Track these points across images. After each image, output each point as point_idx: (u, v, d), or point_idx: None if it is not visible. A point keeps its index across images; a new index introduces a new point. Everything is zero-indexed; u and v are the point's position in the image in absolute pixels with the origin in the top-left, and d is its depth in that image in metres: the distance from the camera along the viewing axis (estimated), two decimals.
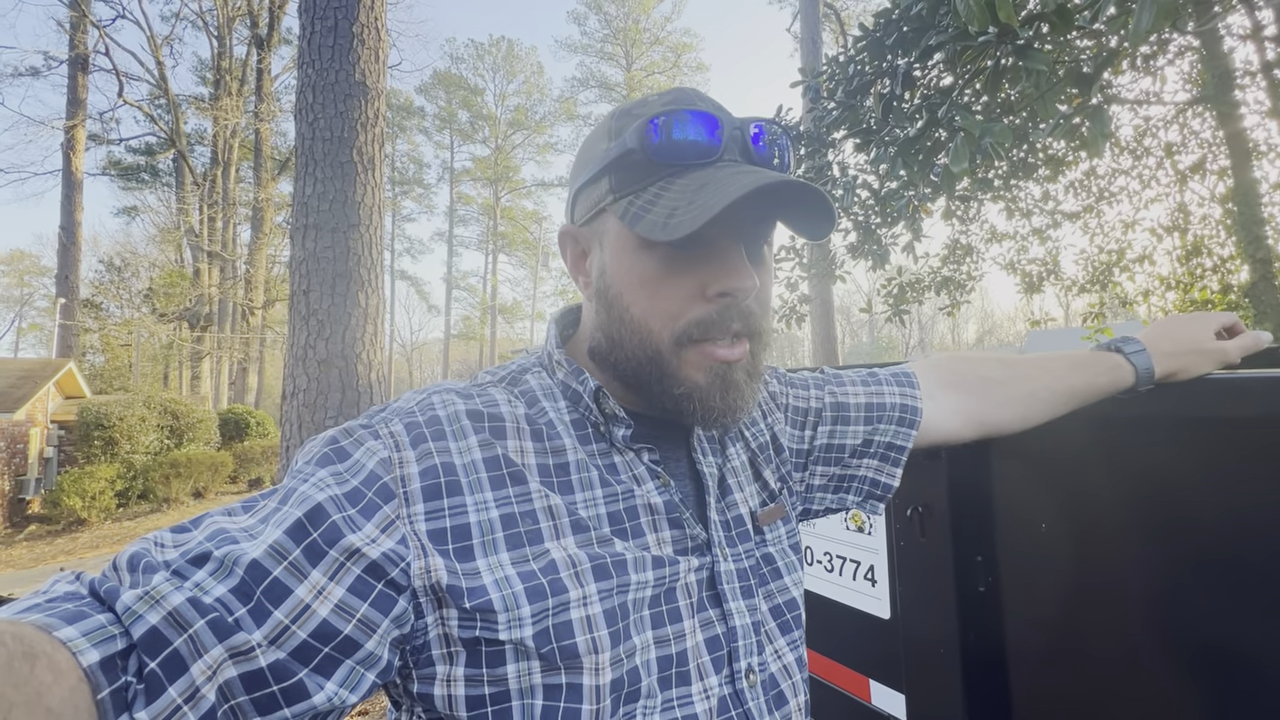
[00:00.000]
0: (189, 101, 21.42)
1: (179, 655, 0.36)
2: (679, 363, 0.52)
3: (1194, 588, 0.70)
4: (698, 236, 0.49)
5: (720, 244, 0.51)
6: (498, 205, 35.92)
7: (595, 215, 0.55)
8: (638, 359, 0.53)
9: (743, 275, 0.50)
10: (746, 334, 0.53)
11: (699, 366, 0.52)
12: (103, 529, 9.70)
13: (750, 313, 0.52)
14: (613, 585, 0.48)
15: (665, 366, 0.52)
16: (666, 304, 0.51)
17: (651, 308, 0.51)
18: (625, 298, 0.53)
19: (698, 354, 0.52)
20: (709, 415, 0.52)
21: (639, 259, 0.51)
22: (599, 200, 0.54)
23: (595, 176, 0.54)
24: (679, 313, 0.51)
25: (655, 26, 32.58)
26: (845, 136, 3.76)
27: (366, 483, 0.45)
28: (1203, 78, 5.76)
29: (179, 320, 19.56)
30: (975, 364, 0.76)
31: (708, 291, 0.51)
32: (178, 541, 0.42)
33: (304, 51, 4.08)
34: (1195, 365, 0.73)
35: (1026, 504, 0.84)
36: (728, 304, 0.51)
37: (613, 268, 0.54)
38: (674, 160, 0.50)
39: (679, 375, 0.52)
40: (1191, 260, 6.81)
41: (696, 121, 0.50)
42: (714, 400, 0.52)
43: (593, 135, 0.57)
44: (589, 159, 0.55)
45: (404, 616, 0.43)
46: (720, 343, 0.52)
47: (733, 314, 0.51)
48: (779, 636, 0.58)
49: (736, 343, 0.52)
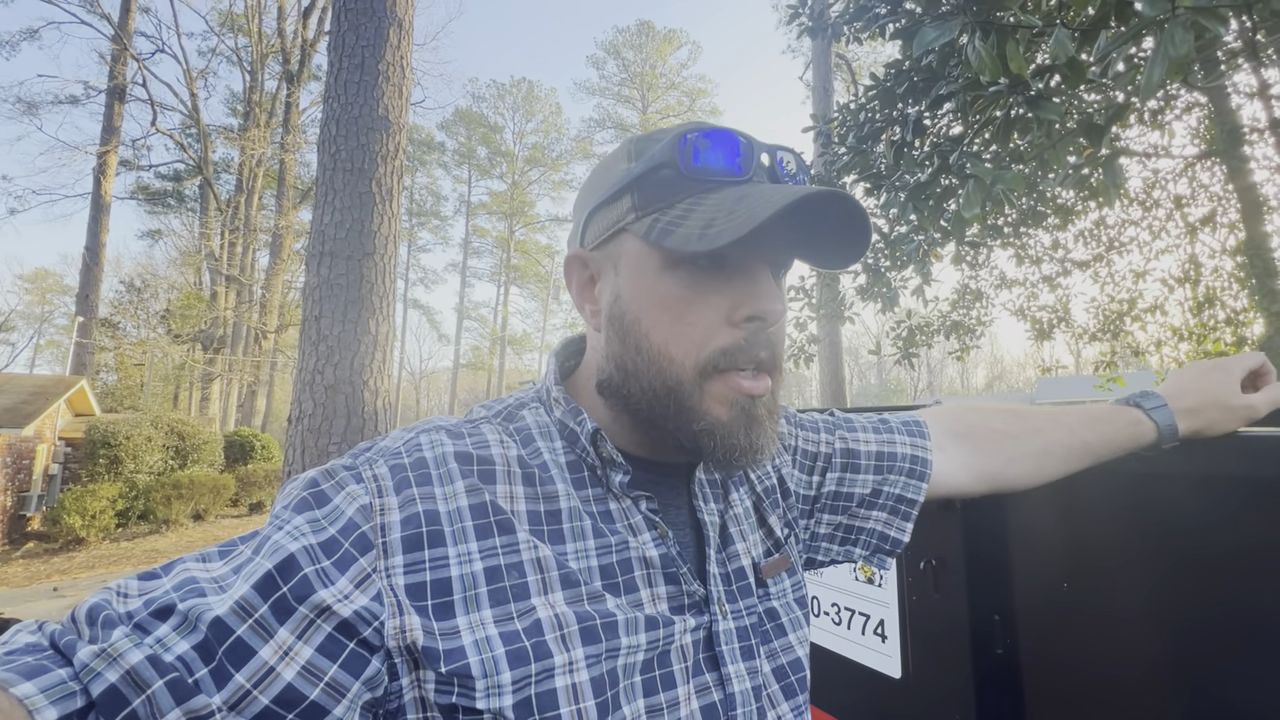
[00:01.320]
0: (219, 131, 22.17)
1: (137, 717, 0.34)
2: (701, 395, 0.48)
3: (1224, 654, 0.66)
4: (724, 258, 0.47)
5: (749, 266, 0.48)
6: (512, 239, 36.54)
7: (611, 237, 0.52)
8: (654, 391, 0.49)
9: (774, 298, 0.48)
10: (770, 367, 0.50)
11: (722, 400, 0.48)
12: (100, 549, 9.62)
13: (776, 342, 0.50)
14: (601, 650, 0.45)
15: (686, 399, 0.48)
16: (690, 330, 0.48)
17: (673, 334, 0.48)
18: (644, 323, 0.49)
19: (722, 385, 0.48)
20: (731, 454, 0.48)
21: (660, 281, 0.48)
22: (617, 220, 0.51)
23: (614, 196, 0.51)
24: (704, 340, 0.48)
25: (671, 72, 33.62)
26: (856, 181, 3.80)
27: (344, 531, 0.43)
28: (1210, 133, 5.82)
29: (193, 341, 19.80)
30: (987, 415, 0.73)
31: (735, 316, 0.48)
32: (144, 589, 0.40)
33: (330, 87, 4.22)
34: (1221, 422, 0.69)
35: (1048, 560, 0.80)
36: (756, 330, 0.48)
37: (630, 291, 0.50)
38: (706, 176, 0.48)
39: (700, 409, 0.48)
40: (1204, 311, 6.77)
41: (727, 140, 0.49)
42: (738, 438, 0.48)
43: (608, 160, 0.54)
44: (604, 181, 0.53)
45: (377, 678, 0.41)
46: (744, 374, 0.48)
47: (760, 341, 0.48)
48: (782, 701, 0.54)
49: (759, 376, 0.49)
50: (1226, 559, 0.67)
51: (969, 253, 5.86)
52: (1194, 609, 0.69)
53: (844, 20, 3.79)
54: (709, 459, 0.50)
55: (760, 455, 0.50)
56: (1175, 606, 0.70)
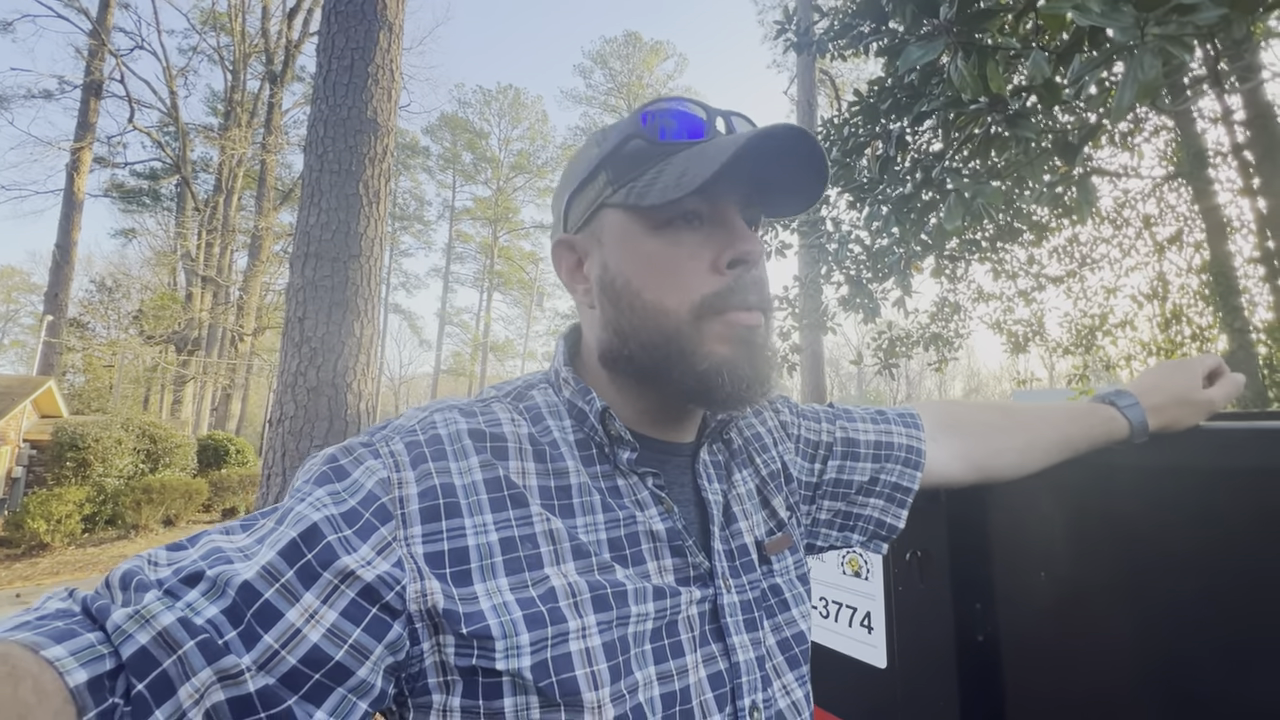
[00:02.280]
0: (198, 130, 21.83)
1: (167, 677, 0.35)
2: (700, 337, 0.50)
3: (1196, 639, 0.70)
4: (700, 214, 0.51)
5: (724, 216, 0.52)
6: (495, 244, 36.41)
7: (592, 216, 0.55)
8: (654, 343, 0.51)
9: (751, 240, 0.51)
10: (761, 307, 0.52)
11: (723, 338, 0.50)
12: (65, 554, 9.32)
13: (763, 284, 0.53)
14: (612, 617, 0.47)
15: (686, 343, 0.50)
16: (679, 280, 0.51)
17: (664, 287, 0.51)
18: (634, 283, 0.52)
19: (719, 324, 0.50)
20: (740, 385, 0.50)
21: (645, 242, 0.52)
22: (596, 198, 0.54)
23: (589, 177, 0.55)
24: (694, 287, 0.51)
25: (658, 83, 33.90)
26: (840, 193, 3.89)
27: (364, 503, 0.44)
28: (1177, 155, 6.06)
29: (166, 343, 19.36)
30: (977, 410, 0.78)
31: (720, 263, 0.51)
32: (172, 560, 0.41)
33: (319, 88, 4.20)
34: (1186, 417, 0.76)
35: (1026, 551, 0.84)
36: (740, 273, 0.51)
37: (616, 259, 0.53)
38: (672, 138, 0.52)
39: (702, 350, 0.50)
40: (1171, 327, 7.00)
41: (685, 106, 0.53)
42: (744, 369, 0.50)
43: (577, 154, 0.58)
44: (578, 169, 0.56)
45: (399, 642, 0.42)
46: (740, 311, 0.51)
47: (748, 284, 0.51)
48: (787, 671, 0.57)
49: (753, 311, 0.52)
50: (1194, 546, 0.71)
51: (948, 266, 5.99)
52: (1165, 595, 0.73)
53: (829, 37, 3.89)
54: (720, 397, 0.51)
55: (768, 384, 0.52)
56: (1147, 593, 0.74)
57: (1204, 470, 0.72)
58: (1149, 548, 0.74)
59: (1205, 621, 0.69)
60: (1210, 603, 0.69)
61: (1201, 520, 0.71)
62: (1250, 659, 0.66)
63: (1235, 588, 0.67)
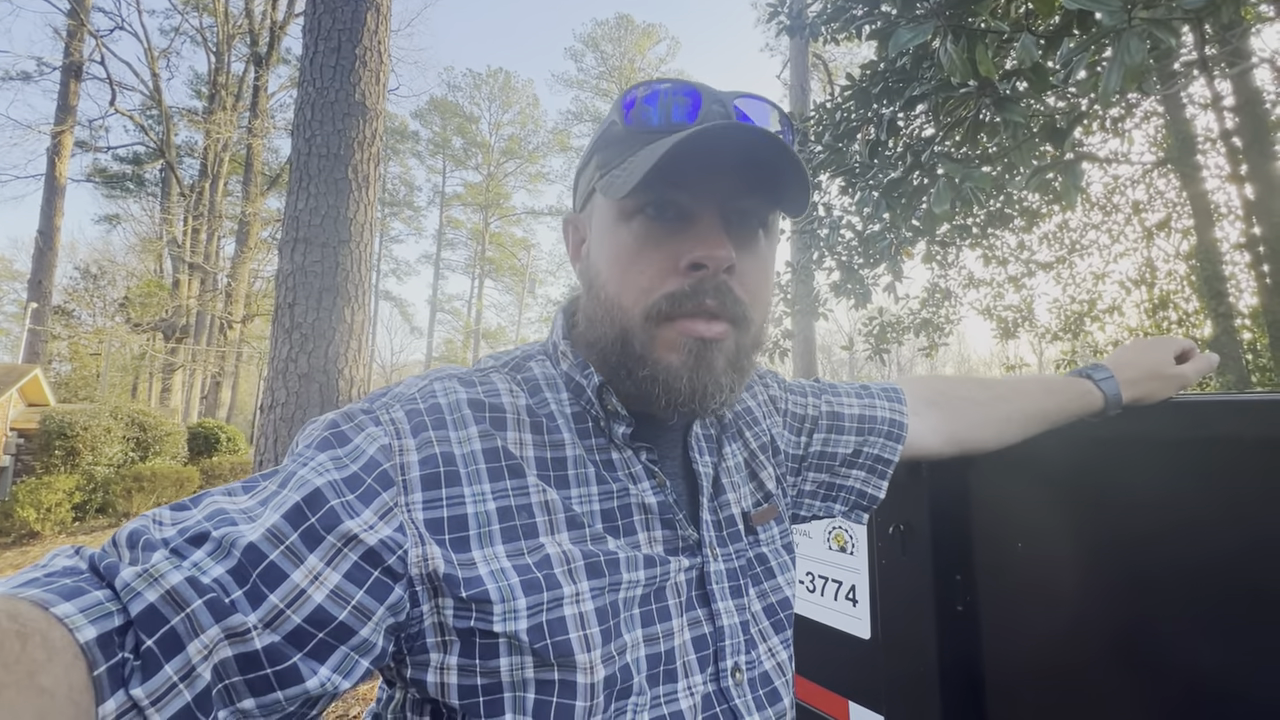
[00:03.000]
0: (182, 114, 21.41)
1: (176, 634, 0.36)
2: (649, 341, 0.49)
3: (1168, 607, 0.73)
4: (673, 207, 0.48)
5: (697, 214, 0.49)
6: (487, 231, 36.12)
7: (588, 198, 0.55)
8: (609, 338, 0.51)
9: (715, 245, 0.47)
10: (725, 316, 0.49)
11: (671, 345, 0.49)
12: (56, 542, 9.28)
13: (728, 291, 0.49)
14: (604, 583, 0.48)
15: (634, 345, 0.50)
16: (638, 277, 0.49)
17: (624, 282, 0.50)
18: (603, 274, 0.52)
19: (671, 331, 0.49)
20: (674, 398, 0.49)
21: (616, 233, 0.51)
22: (590, 181, 0.54)
23: (587, 157, 0.54)
24: (651, 287, 0.49)
25: (650, 67, 33.54)
26: (831, 178, 3.89)
27: (366, 469, 0.45)
28: (1167, 141, 6.09)
29: (153, 331, 19.15)
30: (957, 384, 0.80)
31: (681, 264, 0.48)
32: (176, 520, 0.42)
33: (305, 70, 4.14)
34: (1158, 390, 0.78)
35: (1004, 523, 0.87)
36: (701, 278, 0.48)
37: (596, 245, 0.54)
38: (650, 128, 0.49)
39: (648, 356, 0.49)
40: (1158, 313, 7.08)
41: (676, 92, 0.49)
42: (679, 382, 0.49)
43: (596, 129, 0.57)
44: (588, 146, 0.56)
45: (400, 604, 0.43)
46: (697, 320, 0.48)
47: (707, 288, 0.48)
48: (772, 635, 0.59)
49: (714, 321, 0.49)
50: (1166, 515, 0.74)
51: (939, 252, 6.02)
52: (1136, 563, 0.76)
53: (821, 20, 3.87)
54: (655, 406, 0.50)
55: (706, 402, 0.49)
56: (1120, 561, 0.77)
57: (1175, 441, 0.74)
58: (1122, 517, 0.77)
59: (1177, 589, 0.72)
60: (1181, 570, 0.71)
61: (1173, 490, 0.73)
62: (1220, 626, 0.68)
63: (1206, 555, 0.70)
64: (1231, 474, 0.69)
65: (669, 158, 0.44)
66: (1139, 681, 0.74)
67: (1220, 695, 0.68)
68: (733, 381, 0.51)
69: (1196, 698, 0.69)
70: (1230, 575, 0.68)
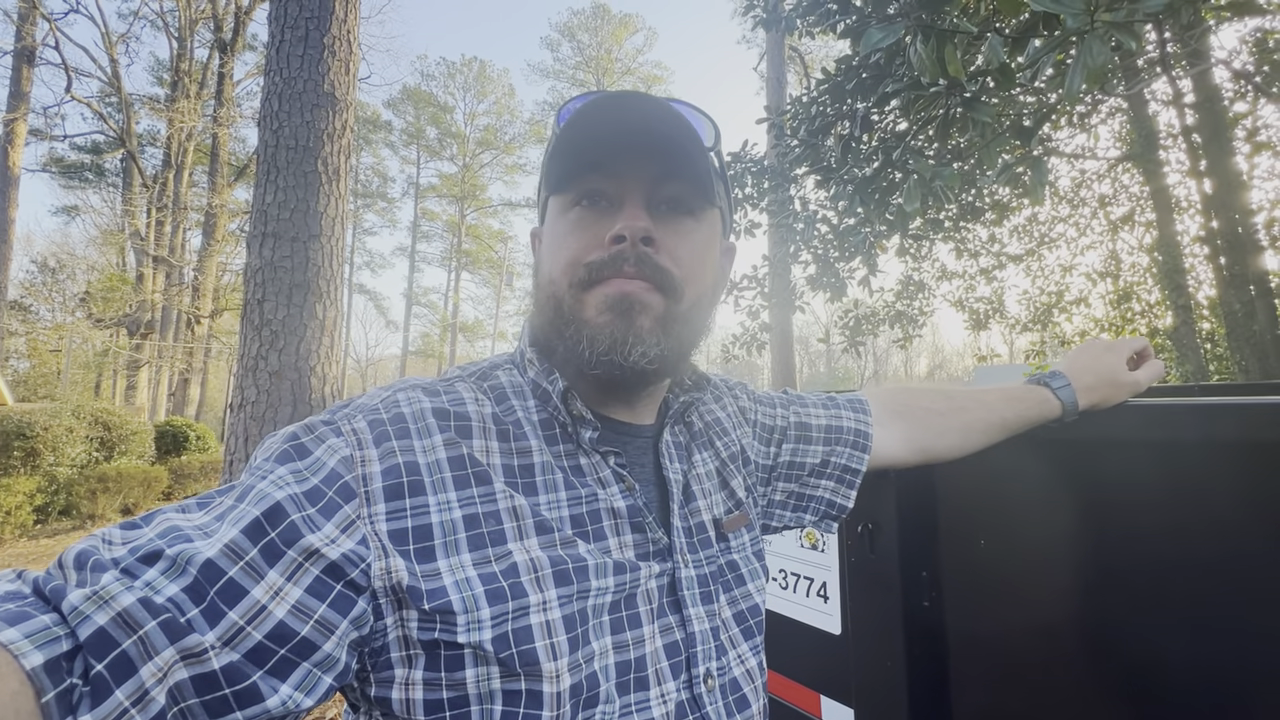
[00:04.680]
0: (143, 101, 20.65)
1: (127, 657, 0.35)
2: (576, 304, 0.52)
3: (1123, 600, 0.75)
4: (599, 194, 0.53)
5: (621, 199, 0.54)
6: (463, 223, 35.66)
7: (543, 209, 0.59)
8: (548, 312, 0.55)
9: (632, 218, 0.52)
10: (645, 278, 0.52)
11: (600, 306, 0.52)
12: (17, 546, 8.98)
13: (647, 259, 0.52)
14: (573, 591, 0.48)
15: (565, 313, 0.53)
16: (567, 253, 0.54)
17: (556, 260, 0.55)
18: (545, 262, 0.57)
19: (595, 294, 0.52)
20: (595, 348, 0.51)
21: (556, 225, 0.56)
22: (542, 195, 0.59)
23: (541, 176, 0.59)
24: (577, 259, 0.53)
25: (627, 57, 33.32)
26: (807, 173, 3.91)
27: (327, 481, 0.44)
28: (1131, 137, 6.25)
29: (116, 327, 18.56)
30: (919, 395, 0.82)
31: (604, 238, 0.53)
32: (127, 539, 0.41)
33: (272, 59, 4.02)
34: (1112, 396, 0.81)
35: (967, 521, 0.89)
36: (621, 249, 0.52)
37: (544, 243, 0.58)
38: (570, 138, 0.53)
39: (575, 316, 0.52)
40: (1123, 304, 7.30)
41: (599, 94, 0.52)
42: (602, 333, 0.51)
43: None
44: None
45: (363, 618, 0.43)
46: (616, 279, 0.52)
47: (627, 256, 0.51)
48: (742, 641, 0.60)
49: (634, 280, 0.52)
50: (1122, 512, 0.76)
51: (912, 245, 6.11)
52: (1095, 559, 0.78)
53: (797, 14, 3.87)
54: (591, 361, 0.51)
55: (627, 350, 0.51)
56: (1077, 558, 0.79)
57: (1131, 443, 0.77)
58: (1079, 516, 0.80)
59: (1134, 583, 0.74)
60: (1139, 566, 0.74)
61: (1129, 489, 0.76)
62: (1178, 620, 0.71)
63: (1163, 551, 0.73)
64: (1185, 473, 0.71)
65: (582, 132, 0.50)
66: (1099, 673, 0.77)
67: (1180, 687, 0.71)
68: (660, 341, 0.52)
69: (1157, 689, 0.72)
70: (1187, 570, 0.71)
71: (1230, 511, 0.68)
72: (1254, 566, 0.65)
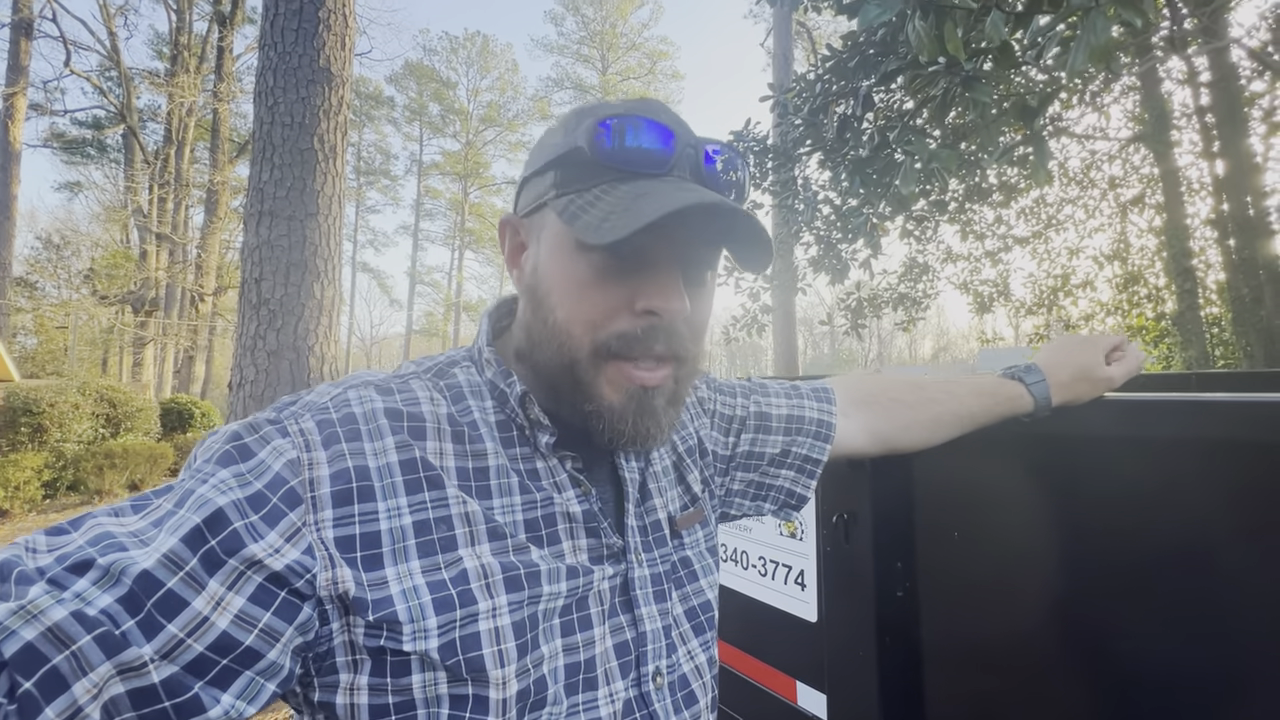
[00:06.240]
0: (142, 76, 20.45)
1: (58, 673, 0.33)
2: (595, 375, 0.50)
3: (1093, 591, 0.75)
4: (635, 248, 0.47)
5: (658, 261, 0.49)
6: (466, 201, 35.41)
7: (537, 208, 0.53)
8: (555, 365, 0.51)
9: (673, 296, 0.48)
10: (670, 357, 0.51)
11: (616, 385, 0.50)
12: (26, 521, 9.14)
13: (677, 334, 0.50)
14: (524, 597, 0.48)
15: (581, 377, 0.50)
16: (591, 311, 0.49)
17: (576, 312, 0.49)
18: (552, 298, 0.51)
19: (616, 371, 0.50)
20: (617, 438, 0.50)
21: (573, 261, 0.49)
22: (542, 194, 0.52)
23: (543, 169, 0.52)
24: (602, 322, 0.49)
25: (632, 32, 32.70)
26: (809, 152, 3.85)
27: (271, 486, 0.42)
28: (1143, 116, 6.12)
29: (121, 304, 18.61)
30: (888, 386, 0.80)
31: (635, 305, 0.49)
32: (54, 545, 0.39)
33: (266, 33, 3.96)
34: (1087, 393, 0.79)
35: (941, 512, 0.89)
36: (654, 323, 0.49)
37: (545, 266, 0.52)
38: (620, 165, 0.48)
39: (592, 390, 0.50)
40: (1129, 288, 7.21)
41: (650, 130, 0.49)
42: (624, 424, 0.50)
43: (551, 128, 0.55)
44: (541, 150, 0.54)
45: (309, 623, 0.42)
46: (642, 364, 0.50)
47: (658, 334, 0.49)
48: (692, 638, 0.59)
49: (659, 366, 0.50)
50: (1093, 507, 0.76)
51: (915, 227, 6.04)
52: (1066, 553, 0.78)
53: None
54: (595, 440, 0.51)
55: (648, 443, 0.51)
56: (1049, 551, 0.79)
57: (1104, 439, 0.76)
58: (1052, 509, 0.79)
59: (1105, 575, 0.74)
60: (1108, 559, 0.74)
61: (1100, 484, 0.75)
62: (1147, 609, 0.71)
63: (1131, 544, 0.72)
64: (1157, 470, 0.70)
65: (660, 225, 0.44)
66: (1069, 665, 0.77)
67: (1152, 678, 0.71)
68: (671, 417, 0.53)
69: (1128, 680, 0.72)
70: (1159, 564, 0.70)
71: (1202, 509, 0.67)
72: (1223, 561, 0.65)
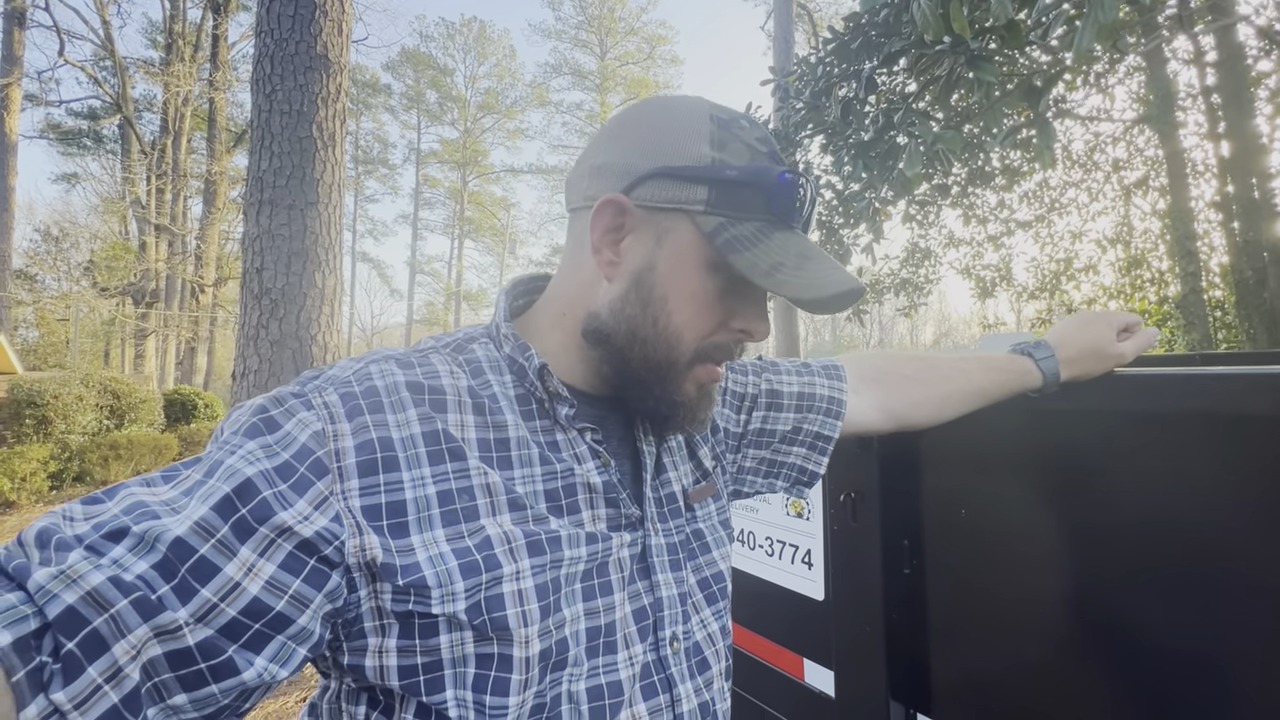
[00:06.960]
0: (137, 65, 20.25)
1: (99, 635, 0.35)
2: (686, 375, 0.56)
3: (1101, 569, 0.76)
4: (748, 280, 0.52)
5: (758, 291, 0.56)
6: (465, 190, 35.21)
7: (668, 210, 0.52)
8: (655, 361, 0.54)
9: (765, 322, 0.57)
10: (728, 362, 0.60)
11: (695, 382, 0.56)
12: (33, 511, 9.21)
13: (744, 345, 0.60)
14: (546, 560, 0.49)
15: (676, 376, 0.55)
16: (705, 325, 0.55)
17: (690, 322, 0.54)
18: (670, 303, 0.53)
19: (701, 371, 0.56)
20: (690, 423, 0.58)
21: (701, 276, 0.53)
22: (684, 200, 0.51)
23: (690, 176, 0.51)
24: (707, 333, 0.55)
25: (631, 16, 32.31)
26: (810, 135, 3.82)
27: (298, 457, 0.43)
28: (1148, 98, 6.05)
29: (122, 296, 18.59)
30: (899, 362, 0.81)
31: (733, 323, 0.56)
32: (90, 514, 0.40)
33: (262, 20, 3.92)
34: (1097, 368, 0.80)
35: (948, 490, 0.90)
36: (741, 339, 0.57)
37: (667, 269, 0.52)
38: (779, 213, 0.53)
39: (680, 386, 0.56)
40: (1132, 272, 7.18)
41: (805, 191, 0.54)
42: (699, 412, 0.58)
43: (680, 121, 0.53)
44: (677, 149, 0.51)
45: (337, 591, 0.43)
46: (719, 366, 0.58)
47: (739, 348, 0.59)
48: (705, 607, 0.61)
49: (725, 366, 0.59)
50: (1101, 483, 0.76)
51: (918, 212, 6.01)
52: (1073, 529, 0.78)
53: None
54: (668, 426, 0.58)
55: (705, 425, 0.61)
56: (1056, 528, 0.80)
57: (1113, 413, 0.76)
58: (1059, 486, 0.79)
59: (1110, 552, 0.75)
60: (1116, 535, 0.74)
61: (1108, 459, 0.75)
62: (1154, 586, 0.71)
63: (1139, 520, 0.73)
64: (1166, 444, 0.71)
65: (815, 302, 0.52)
66: (1074, 641, 0.78)
67: (1158, 654, 0.71)
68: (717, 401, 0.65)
69: (1134, 656, 0.73)
70: (1167, 539, 0.71)
71: (1211, 482, 0.67)
72: (1232, 537, 0.65)
